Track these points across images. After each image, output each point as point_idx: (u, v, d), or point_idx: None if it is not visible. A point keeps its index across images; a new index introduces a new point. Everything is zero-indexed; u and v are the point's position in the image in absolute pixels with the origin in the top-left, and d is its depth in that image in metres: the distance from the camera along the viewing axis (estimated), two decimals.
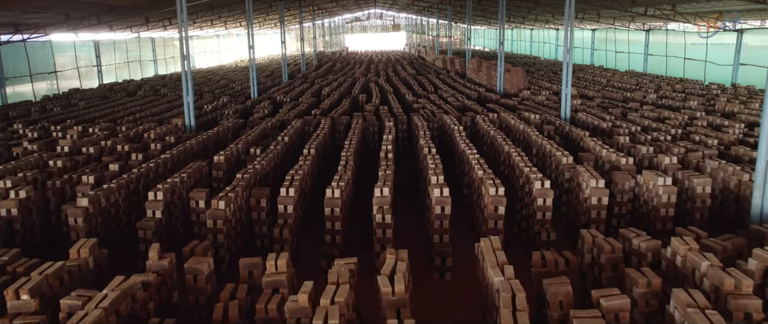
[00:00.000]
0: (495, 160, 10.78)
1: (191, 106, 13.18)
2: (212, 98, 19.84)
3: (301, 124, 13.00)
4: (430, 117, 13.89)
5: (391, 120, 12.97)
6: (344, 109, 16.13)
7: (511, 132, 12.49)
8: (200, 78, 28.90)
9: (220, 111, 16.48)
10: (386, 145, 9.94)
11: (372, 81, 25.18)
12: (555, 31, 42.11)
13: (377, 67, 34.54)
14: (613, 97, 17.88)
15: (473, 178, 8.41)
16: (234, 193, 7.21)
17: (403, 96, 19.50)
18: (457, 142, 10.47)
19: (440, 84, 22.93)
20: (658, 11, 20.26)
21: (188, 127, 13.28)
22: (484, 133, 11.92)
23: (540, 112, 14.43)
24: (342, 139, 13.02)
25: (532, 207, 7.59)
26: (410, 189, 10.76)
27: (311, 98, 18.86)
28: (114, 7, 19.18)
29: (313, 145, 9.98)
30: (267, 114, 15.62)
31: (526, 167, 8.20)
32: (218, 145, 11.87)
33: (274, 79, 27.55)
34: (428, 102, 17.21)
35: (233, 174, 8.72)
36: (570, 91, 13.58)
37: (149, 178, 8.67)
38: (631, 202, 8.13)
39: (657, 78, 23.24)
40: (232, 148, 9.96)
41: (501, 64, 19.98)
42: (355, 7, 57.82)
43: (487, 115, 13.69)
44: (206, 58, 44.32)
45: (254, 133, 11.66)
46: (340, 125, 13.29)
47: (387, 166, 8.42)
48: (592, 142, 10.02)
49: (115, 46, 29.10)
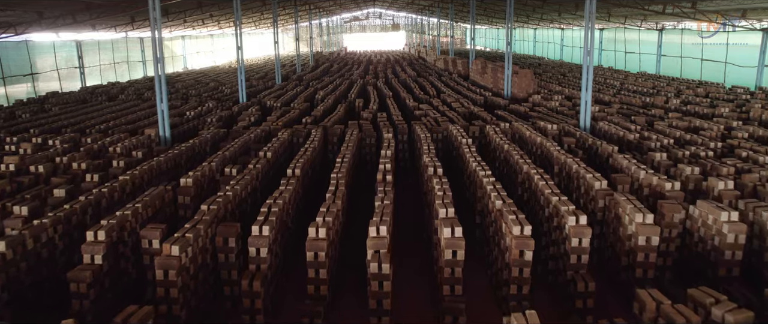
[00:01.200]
0: (510, 179, 9.35)
1: (166, 114, 11.74)
2: (197, 103, 18.41)
3: (288, 136, 11.57)
4: (433, 126, 12.47)
5: (390, 130, 11.55)
6: (339, 116, 14.70)
7: (526, 144, 11.06)
8: (189, 80, 27.46)
9: (203, 118, 15.05)
10: (384, 162, 8.51)
11: (370, 84, 23.76)
12: (560, 30, 40.68)
13: (376, 69, 33.10)
14: (631, 102, 16.46)
15: (489, 209, 6.98)
16: (194, 232, 5.78)
17: (404, 101, 18.08)
18: (467, 160, 9.04)
19: (443, 87, 21.50)
20: (677, 9, 18.83)
21: (162, 139, 11.84)
22: (497, 147, 10.49)
23: (556, 121, 13.00)
24: (335, 152, 11.60)
25: (564, 246, 6.17)
26: (411, 210, 9.34)
27: (304, 103, 17.43)
28: (91, 5, 17.75)
29: (298, 164, 8.54)
30: (253, 122, 14.18)
31: (553, 195, 6.78)
32: (193, 160, 10.44)
33: (267, 81, 26.12)
34: (430, 108, 15.78)
35: (204, 199, 7.30)
36: (590, 97, 12.16)
37: (101, 208, 7.24)
38: (681, 237, 6.71)
39: (674, 81, 21.81)
40: (204, 168, 8.52)
41: (509, 66, 18.56)
42: (353, 6, 56.39)
43: (497, 125, 12.26)
44: (199, 58, 42.87)
45: (234, 147, 10.23)
46: (334, 136, 11.86)
47: (385, 193, 6.99)
48: (625, 160, 8.59)
49: (99, 46, 27.64)
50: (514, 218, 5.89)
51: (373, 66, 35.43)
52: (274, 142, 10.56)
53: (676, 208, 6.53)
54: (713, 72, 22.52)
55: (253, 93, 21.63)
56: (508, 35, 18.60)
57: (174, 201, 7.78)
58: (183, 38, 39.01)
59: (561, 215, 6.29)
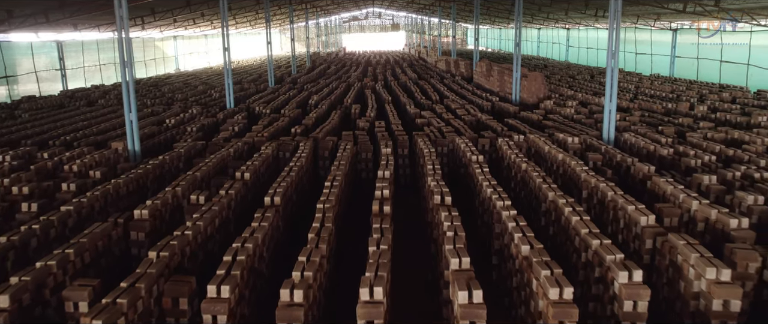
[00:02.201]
0: (529, 204, 7.98)
1: (135, 126, 10.36)
2: (181, 109, 17.03)
3: (273, 150, 10.19)
4: (437, 138, 11.09)
5: (389, 143, 10.17)
6: (333, 125, 13.31)
7: (545, 161, 9.68)
8: (178, 82, 26.09)
9: (184, 126, 13.66)
10: (382, 187, 7.14)
11: (368, 87, 22.39)
12: (566, 30, 39.31)
13: (375, 70, 31.72)
14: (652, 109, 15.08)
15: (513, 253, 5.60)
16: (131, 294, 4.40)
17: (404, 106, 16.70)
18: (480, 183, 7.66)
19: (446, 91, 20.12)
20: (699, 7, 17.46)
21: (131, 154, 10.46)
22: (512, 165, 9.11)
23: (574, 132, 11.62)
24: (327, 167, 10.23)
25: (612, 308, 4.79)
26: (412, 239, 7.95)
27: (296, 109, 16.04)
28: (64, 3, 16.37)
29: (279, 189, 7.16)
30: (236, 132, 12.78)
31: (592, 236, 5.40)
32: (161, 181, 9.05)
33: (260, 84, 24.75)
34: (434, 115, 14.39)
35: (167, 234, 5.94)
36: (615, 106, 10.78)
37: (30, 250, 5.86)
38: (757, 290, 5.33)
39: (693, 84, 20.44)
40: (166, 195, 7.14)
41: (517, 69, 17.18)
42: (352, 6, 55.03)
43: (510, 137, 10.87)
44: (193, 59, 41.48)
45: (208, 166, 8.84)
46: (325, 150, 10.48)
47: (382, 234, 5.61)
48: (669, 184, 7.19)
49: (83, 46, 26.25)
50: (549, 275, 4.52)
51: (372, 67, 34.05)
52: (255, 158, 9.18)
53: (752, 256, 5.15)
54: (735, 75, 21.14)
55: (242, 97, 20.26)
56: (517, 35, 17.24)
57: (125, 238, 6.40)
58: (175, 38, 37.63)
59: (606, 267, 4.92)
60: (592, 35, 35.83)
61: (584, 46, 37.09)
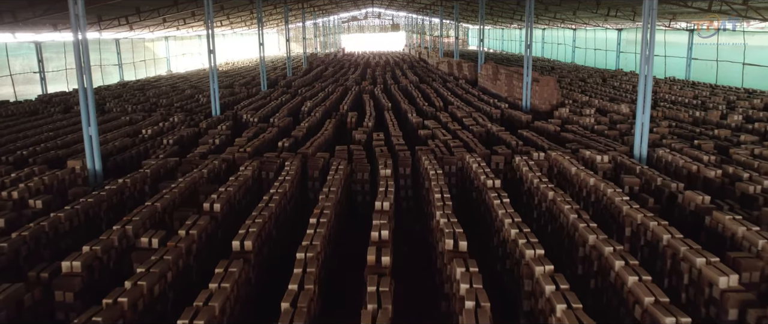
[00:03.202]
0: (558, 241, 6.58)
1: (95, 141, 8.94)
2: (162, 116, 15.62)
3: (255, 170, 8.78)
4: (444, 155, 9.68)
5: (388, 162, 8.76)
6: (326, 137, 11.90)
7: (571, 184, 8.28)
8: (166, 86, 24.67)
9: (162, 137, 12.24)
10: (380, 225, 5.75)
11: (366, 91, 20.97)
12: (572, 31, 37.91)
13: (374, 72, 30.31)
14: (678, 117, 13.68)
15: (549, 320, 4.20)
16: None
17: (405, 114, 15.29)
18: (501, 219, 6.26)
19: (450, 96, 18.69)
20: (725, 6, 16.06)
21: (91, 174, 9.05)
22: (534, 191, 7.69)
23: (600, 147, 10.21)
24: (316, 190, 8.82)
25: None
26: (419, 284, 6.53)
27: (286, 118, 14.62)
28: (34, 3, 14.96)
29: (251, 230, 5.75)
30: (217, 146, 11.36)
31: (664, 311, 4.01)
32: (119, 210, 7.62)
33: (252, 88, 23.32)
34: (438, 125, 12.98)
35: (97, 298, 4.54)
36: (648, 118, 9.38)
37: None
38: None
39: (715, 88, 19.05)
40: (113, 235, 5.74)
41: (528, 73, 15.78)
42: (351, 6, 53.62)
43: (528, 155, 9.44)
44: (186, 60, 40.01)
45: (175, 192, 7.44)
46: (315, 170, 9.06)
47: (379, 307, 4.20)
48: (740, 224, 5.78)
49: (65, 48, 24.82)
50: None
51: (371, 69, 32.63)
52: (231, 182, 7.77)
53: None
54: (759, 78, 19.79)
55: (231, 102, 18.85)
56: (528, 36, 15.83)
57: (50, 299, 4.99)
58: (166, 39, 36.19)
59: None
60: (600, 36, 34.44)
61: (591, 47, 35.71)
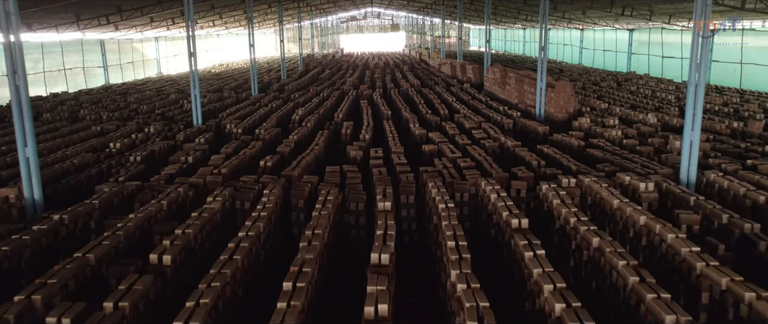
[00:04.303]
0: (606, 300, 5.06)
1: (33, 165, 7.41)
2: (138, 126, 14.09)
3: (226, 200, 7.25)
4: (454, 178, 8.14)
5: (388, 191, 7.23)
6: (316, 153, 10.37)
7: (612, 219, 6.75)
8: (151, 89, 23.14)
9: (131, 153, 10.71)
10: (375, 295, 4.24)
11: (364, 96, 19.43)
12: (579, 31, 36.37)
13: (373, 74, 28.78)
14: (715, 129, 12.15)
15: None
16: None
17: (406, 124, 13.76)
18: (535, 279, 4.74)
19: (455, 102, 17.14)
20: (761, 3, 14.54)
21: (28, 204, 7.52)
22: (571, 233, 6.15)
23: (637, 168, 8.67)
24: (301, 223, 7.31)
25: None
26: None
27: (274, 129, 13.08)
28: None
29: (204, 299, 4.22)
30: (190, 164, 9.81)
31: None
32: (49, 258, 6.09)
33: (242, 92, 21.80)
34: (444, 139, 11.44)
35: None
36: (698, 137, 7.86)
37: None
38: None
39: (744, 94, 17.53)
40: (10, 309, 4.22)
41: (542, 78, 14.27)
42: (350, 6, 52.08)
43: (557, 181, 7.88)
44: (177, 62, 38.41)
45: (119, 235, 5.91)
46: (299, 199, 7.53)
47: None
48: None
49: (43, 49, 23.28)
50: None
51: (370, 71, 31.10)
52: (192, 219, 6.25)
53: None
54: None
55: (218, 109, 17.33)
56: (542, 38, 14.33)
57: None
58: (156, 40, 34.62)
59: None
60: (609, 36, 32.92)
61: (600, 48, 34.19)
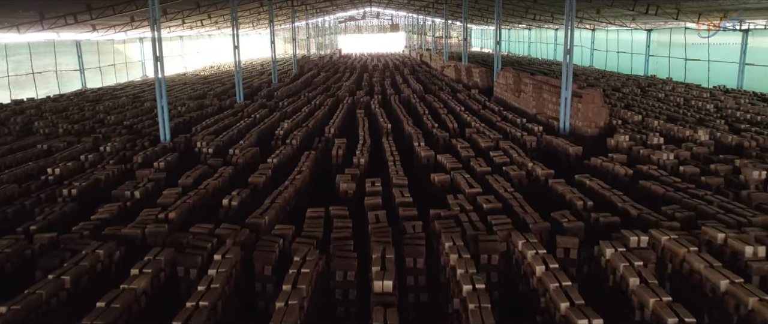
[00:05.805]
0: None
1: None
2: (95, 143, 12.00)
3: (166, 266, 5.15)
4: (478, 231, 6.04)
5: (388, 258, 5.14)
6: (297, 185, 8.26)
7: (717, 304, 4.66)
8: (128, 96, 21.06)
9: (71, 182, 8.61)
10: None
11: (361, 105, 17.32)
12: (590, 31, 34.27)
13: (371, 78, 26.68)
14: None
15: None
16: None
17: (409, 141, 11.66)
18: None
19: (464, 113, 15.00)
20: None
21: None
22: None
23: (721, 216, 6.57)
24: (267, 296, 5.24)
25: None
26: None
27: (251, 149, 10.97)
28: None
29: None
30: (137, 199, 7.70)
31: None
32: None
33: (226, 99, 19.70)
34: (457, 164, 9.32)
35: None
36: None
37: None
38: None
39: None
40: None
41: (567, 86, 12.18)
42: (349, 5, 49.95)
43: (624, 243, 5.77)
44: (167, 63, 36.26)
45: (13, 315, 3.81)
46: (265, 265, 5.42)
47: None
48: None
49: (7, 51, 21.17)
50: None
51: (369, 74, 29.01)
52: (103, 311, 4.15)
53: None
54: None
55: (194, 121, 15.24)
56: (567, 40, 12.22)
57: None
58: (141, 40, 32.48)
59: None
60: (623, 37, 30.84)
61: (613, 49, 32.11)
